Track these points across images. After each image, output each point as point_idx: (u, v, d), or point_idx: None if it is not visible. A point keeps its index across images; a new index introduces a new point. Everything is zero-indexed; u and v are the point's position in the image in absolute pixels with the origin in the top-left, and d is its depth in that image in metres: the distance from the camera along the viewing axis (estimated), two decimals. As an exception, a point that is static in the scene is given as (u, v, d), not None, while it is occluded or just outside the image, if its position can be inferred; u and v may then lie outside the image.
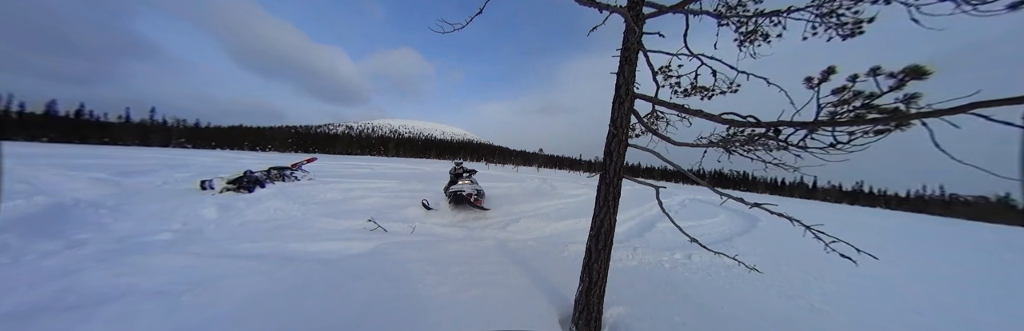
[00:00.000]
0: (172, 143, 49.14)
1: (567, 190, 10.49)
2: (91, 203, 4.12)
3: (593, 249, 1.86)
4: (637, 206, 7.67)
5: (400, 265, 2.73)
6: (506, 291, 2.37)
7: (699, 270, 3.47)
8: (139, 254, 2.75)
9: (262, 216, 4.57)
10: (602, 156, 1.97)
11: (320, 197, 6.06)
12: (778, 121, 1.54)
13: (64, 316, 1.70)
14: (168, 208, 4.42)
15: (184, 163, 10.69)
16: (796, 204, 17.29)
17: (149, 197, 4.97)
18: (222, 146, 51.89)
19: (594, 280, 1.87)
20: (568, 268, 3.01)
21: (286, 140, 62.96)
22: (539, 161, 51.73)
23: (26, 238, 2.84)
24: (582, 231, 5.07)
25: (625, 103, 1.85)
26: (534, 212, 6.34)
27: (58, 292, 2.01)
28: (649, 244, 4.49)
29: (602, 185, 1.84)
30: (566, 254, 3.64)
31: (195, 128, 57.01)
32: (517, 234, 4.73)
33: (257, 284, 2.19)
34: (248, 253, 3.02)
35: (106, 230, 3.42)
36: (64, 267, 2.39)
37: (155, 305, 1.85)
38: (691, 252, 3.95)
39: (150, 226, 3.67)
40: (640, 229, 5.64)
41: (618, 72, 1.92)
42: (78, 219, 3.57)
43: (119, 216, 3.89)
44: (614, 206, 1.82)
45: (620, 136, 1.82)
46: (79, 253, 2.73)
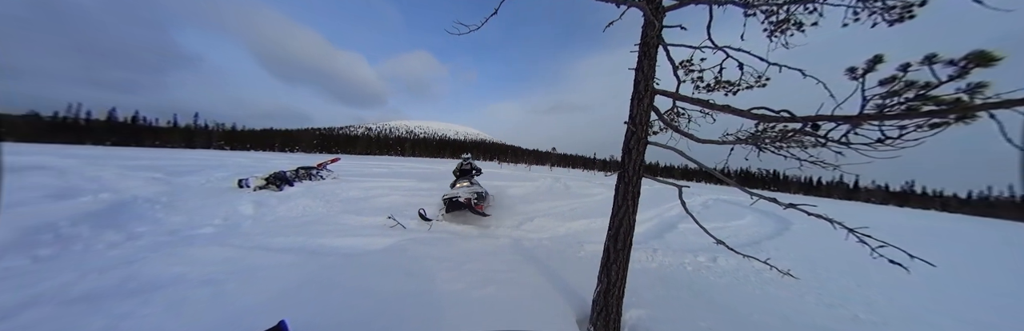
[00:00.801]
0: (212, 145, 53.66)
1: (582, 189, 10.32)
2: (147, 199, 4.57)
3: (611, 249, 1.81)
4: (656, 206, 7.42)
5: (418, 261, 2.81)
6: (521, 289, 2.36)
7: (725, 274, 3.30)
8: (187, 246, 3.03)
9: (292, 213, 4.87)
10: (619, 154, 1.92)
11: (343, 195, 6.36)
12: (817, 115, 1.43)
13: (128, 300, 1.92)
14: (211, 204, 4.81)
15: (223, 164, 11.60)
16: (835, 206, 16.02)
17: (195, 194, 5.43)
18: (255, 148, 56.02)
19: (613, 281, 1.83)
20: (584, 268, 2.96)
21: (311, 141, 66.91)
22: (552, 160, 51.29)
23: (95, 230, 3.20)
24: (598, 231, 5.02)
25: (644, 99, 1.79)
26: (548, 211, 6.29)
27: (122, 278, 2.25)
28: (669, 246, 4.32)
29: (620, 184, 1.79)
30: (582, 254, 3.59)
31: (232, 131, 61.81)
32: (531, 233, 4.71)
33: (290, 275, 2.34)
34: (281, 246, 3.23)
35: (159, 224, 3.79)
36: (126, 256, 2.69)
37: (203, 292, 2.04)
38: (716, 255, 3.77)
39: (196, 220, 4.02)
40: (660, 230, 5.44)
41: (636, 68, 1.86)
42: (136, 214, 3.99)
43: (170, 211, 4.29)
44: (634, 206, 1.76)
45: (639, 133, 1.77)
46: (138, 244, 3.07)
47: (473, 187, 5.29)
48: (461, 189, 5.12)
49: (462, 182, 5.54)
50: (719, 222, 6.42)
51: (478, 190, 5.26)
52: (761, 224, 6.78)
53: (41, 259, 2.53)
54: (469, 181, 5.57)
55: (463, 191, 4.99)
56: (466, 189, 5.12)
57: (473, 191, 5.07)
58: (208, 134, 57.39)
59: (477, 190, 5.22)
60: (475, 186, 5.42)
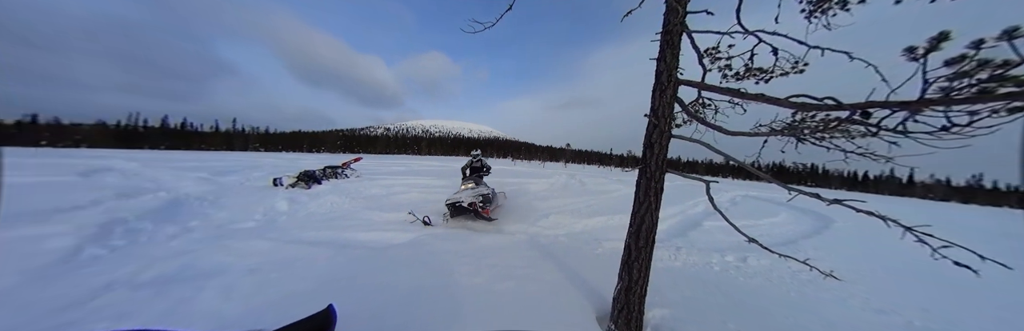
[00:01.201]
0: (249, 147, 58.54)
1: (598, 186, 10.11)
2: (197, 197, 5.08)
3: (633, 247, 1.76)
4: (679, 203, 7.12)
5: (437, 255, 2.90)
6: (540, 285, 2.37)
7: (756, 275, 3.11)
8: (233, 239, 3.32)
9: (321, 209, 5.20)
10: (637, 149, 1.85)
11: (366, 192, 6.67)
12: (868, 102, 1.29)
13: (187, 285, 2.15)
14: (251, 201, 5.26)
15: (258, 164, 12.57)
16: (885, 203, 14.56)
17: (236, 192, 5.97)
18: (286, 149, 60.65)
19: (634, 279, 1.78)
20: (603, 266, 2.91)
21: (335, 142, 70.97)
22: (566, 156, 50.55)
23: (156, 224, 3.60)
24: (615, 228, 4.91)
25: (667, 91, 1.70)
26: (564, 208, 6.22)
27: (180, 267, 2.52)
28: (694, 244, 4.14)
29: (642, 179, 1.73)
30: (600, 251, 3.52)
31: (265, 134, 67.00)
32: (547, 229, 4.70)
33: (323, 267, 2.53)
34: (313, 240, 3.45)
35: (208, 219, 4.17)
36: (183, 247, 3.00)
37: (249, 280, 2.25)
38: (746, 254, 3.56)
39: (239, 216, 4.40)
40: (683, 228, 5.23)
41: (658, 57, 1.77)
42: (189, 210, 4.44)
43: (217, 208, 4.74)
44: (656, 202, 1.70)
45: (662, 126, 1.69)
46: (191, 236, 3.41)
47: (478, 189, 4.92)
48: (464, 192, 4.79)
49: (467, 183, 5.15)
50: (749, 220, 6.05)
51: (483, 192, 4.88)
52: (797, 222, 6.31)
53: (116, 249, 2.88)
54: (474, 182, 5.18)
55: (466, 195, 4.66)
56: (470, 192, 4.77)
57: (477, 194, 4.72)
58: (245, 137, 62.71)
59: (482, 192, 4.85)
60: (481, 187, 5.03)
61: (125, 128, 54.64)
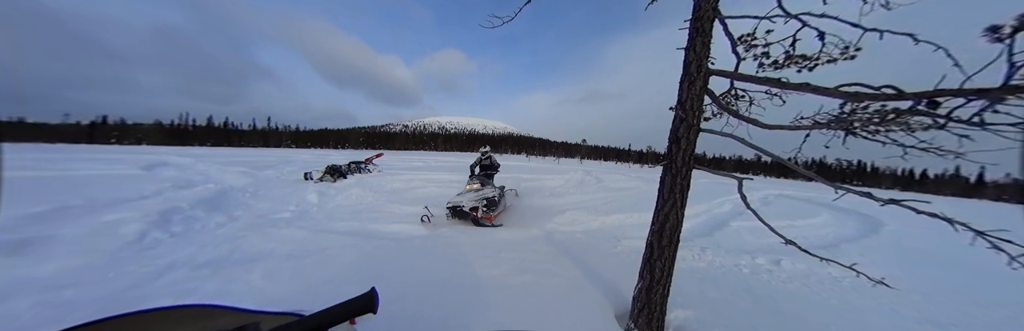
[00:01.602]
0: (282, 144, 63.52)
1: (615, 183, 9.86)
2: (240, 189, 5.65)
3: (655, 245, 1.71)
4: (704, 201, 6.78)
5: (456, 247, 2.99)
6: (557, 280, 2.37)
7: (792, 279, 2.91)
8: (272, 227, 3.64)
9: (348, 201, 5.53)
10: (657, 145, 1.77)
11: (388, 186, 6.98)
12: (936, 90, 1.14)
13: (236, 268, 2.40)
14: (286, 193, 5.76)
15: (290, 160, 13.58)
16: (950, 204, 13.00)
17: (273, 185, 6.56)
18: (314, 145, 65.27)
19: (656, 278, 1.73)
20: (622, 264, 2.85)
21: (358, 139, 75.08)
22: (582, 152, 49.49)
23: (206, 213, 4.00)
24: (635, 226, 4.77)
25: (697, 82, 1.60)
26: (580, 205, 6.14)
27: (229, 251, 2.81)
28: (720, 245, 3.94)
29: (667, 176, 1.65)
30: (619, 249, 3.45)
31: (296, 132, 72.26)
32: (563, 226, 4.67)
33: (352, 255, 2.70)
34: (341, 230, 3.70)
35: (250, 209, 4.60)
36: (230, 234, 3.33)
37: (288, 265, 2.47)
38: (780, 257, 3.34)
39: (276, 207, 4.81)
40: (708, 227, 4.98)
41: (687, 47, 1.66)
42: (234, 200, 4.91)
43: (257, 199, 5.23)
44: (681, 200, 1.62)
45: (689, 120, 1.59)
46: (237, 224, 3.78)
47: (482, 191, 4.50)
48: (467, 194, 4.41)
49: (472, 184, 4.75)
50: (784, 220, 5.65)
51: (488, 194, 4.46)
52: (840, 224, 5.81)
53: (175, 234, 3.24)
54: (479, 183, 4.77)
55: (468, 198, 4.29)
56: (472, 195, 4.37)
57: (480, 197, 4.32)
58: (279, 135, 68.25)
59: (487, 195, 4.44)
60: (486, 189, 4.58)
61: (177, 127, 61.04)
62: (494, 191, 4.72)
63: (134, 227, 3.08)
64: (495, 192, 4.69)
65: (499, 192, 4.90)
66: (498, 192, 4.82)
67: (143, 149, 20.49)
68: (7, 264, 2.28)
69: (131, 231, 3.00)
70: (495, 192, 4.69)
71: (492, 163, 5.77)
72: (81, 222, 3.14)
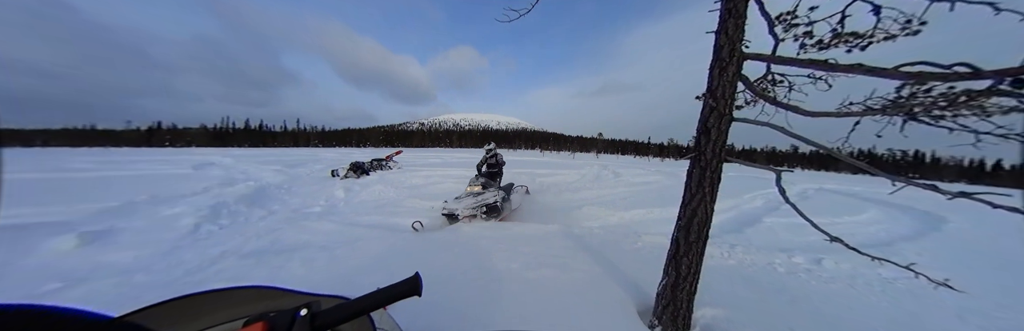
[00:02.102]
0: (310, 144, 68.30)
1: (634, 177, 9.57)
2: (276, 186, 6.18)
3: (682, 241, 1.64)
4: (733, 196, 6.42)
5: (474, 241, 3.07)
6: (577, 274, 2.36)
7: (834, 279, 2.70)
8: (305, 220, 3.93)
9: (371, 196, 5.83)
10: (684, 137, 1.67)
11: (408, 182, 7.24)
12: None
13: (277, 257, 2.63)
14: (316, 190, 6.20)
15: (318, 158, 14.47)
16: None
17: (304, 182, 7.10)
18: (338, 144, 69.67)
19: (682, 275, 1.67)
20: (643, 260, 2.78)
21: (378, 138, 78.92)
22: (598, 146, 48.13)
23: (248, 207, 4.41)
24: (655, 222, 4.62)
25: (729, 68, 1.48)
26: (597, 200, 6.03)
27: (271, 242, 3.08)
28: (751, 242, 3.72)
29: (695, 169, 1.56)
30: (639, 245, 3.36)
31: (322, 132, 77.05)
32: (581, 221, 4.62)
33: (378, 246, 2.87)
34: (367, 223, 3.93)
35: (286, 204, 4.98)
36: (269, 226, 3.63)
37: (323, 255, 2.67)
38: (820, 256, 3.10)
39: (308, 202, 5.19)
40: (738, 224, 4.71)
41: (717, 30, 1.54)
42: (270, 196, 5.36)
43: (291, 194, 5.67)
44: (711, 194, 1.53)
45: (721, 109, 1.49)
46: (275, 218, 4.12)
47: (483, 195, 4.08)
48: (464, 200, 3.94)
49: (474, 186, 4.30)
50: (826, 217, 5.22)
51: (489, 200, 4.00)
52: (892, 221, 5.28)
53: (223, 226, 3.58)
54: (481, 185, 4.33)
55: (464, 205, 3.83)
56: (470, 200, 3.92)
57: (479, 203, 3.91)
58: (307, 135, 73.39)
59: (487, 200, 3.98)
60: (487, 193, 4.14)
61: (220, 130, 67.28)
62: (496, 195, 4.19)
63: (189, 220, 3.45)
64: (498, 196, 4.18)
65: (503, 195, 4.35)
66: (502, 195, 4.29)
67: (192, 151, 22.73)
68: (90, 251, 2.64)
69: (187, 224, 3.37)
70: (498, 196, 4.18)
71: (498, 161, 5.37)
72: (146, 216, 3.57)
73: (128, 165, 9.16)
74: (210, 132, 64.08)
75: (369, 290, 0.63)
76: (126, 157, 13.36)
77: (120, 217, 3.46)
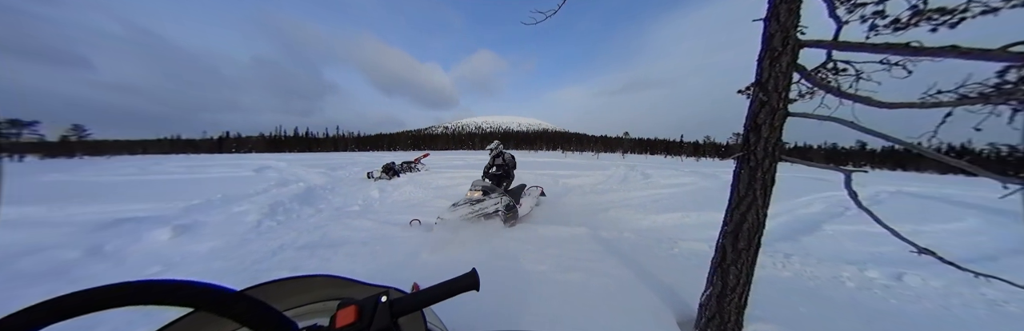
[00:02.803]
0: (348, 148, 75.47)
1: (665, 178, 9.01)
2: (321, 187, 6.79)
3: (729, 249, 1.50)
4: (785, 199, 5.77)
5: (501, 241, 3.11)
6: (608, 280, 2.27)
7: (923, 298, 2.30)
8: (347, 218, 4.25)
9: (403, 197, 6.18)
10: (721, 134, 1.52)
11: (435, 184, 7.54)
12: None
13: (326, 250, 2.90)
14: (354, 190, 6.72)
15: (355, 161, 15.67)
16: None
17: (344, 183, 7.73)
18: (372, 148, 75.73)
19: (730, 286, 1.52)
20: (681, 267, 2.61)
21: (406, 142, 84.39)
22: (624, 146, 45.84)
23: (300, 206, 4.90)
24: (692, 227, 4.29)
25: (782, 57, 1.34)
26: (625, 202, 5.77)
27: (319, 237, 3.39)
28: (810, 252, 3.31)
29: (743, 169, 1.43)
30: (675, 251, 3.15)
31: (358, 137, 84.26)
32: (608, 224, 4.44)
33: (411, 243, 3.05)
34: (401, 221, 4.08)
35: (330, 203, 5.44)
36: (318, 223, 4.00)
37: (364, 250, 2.90)
38: (901, 270, 2.66)
39: (348, 201, 5.63)
40: (792, 231, 4.22)
41: (767, 16, 1.40)
42: (317, 196, 5.90)
43: (334, 194, 6.19)
44: (763, 197, 1.39)
45: (774, 103, 1.34)
46: (321, 216, 4.52)
47: (482, 204, 3.54)
48: (461, 209, 3.46)
49: (474, 191, 3.73)
50: (908, 224, 4.47)
51: (488, 209, 3.52)
52: (998, 230, 4.38)
53: (280, 222, 4.01)
54: (482, 190, 3.73)
55: (459, 215, 3.37)
56: (465, 210, 3.42)
57: (477, 213, 3.44)
58: (345, 140, 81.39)
59: (485, 209, 3.50)
60: (487, 201, 3.61)
61: (274, 137, 76.92)
62: (498, 202, 3.65)
63: (253, 216, 3.93)
64: (499, 203, 3.65)
65: (508, 201, 3.79)
66: (506, 202, 3.73)
67: (253, 156, 26.03)
68: (181, 241, 3.12)
69: (252, 219, 3.84)
70: (499, 203, 3.65)
71: (505, 161, 4.65)
72: (221, 212, 4.13)
73: (205, 169, 10.78)
74: (266, 139, 73.78)
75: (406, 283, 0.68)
76: (203, 162, 15.66)
77: (201, 213, 4.06)
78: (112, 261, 2.64)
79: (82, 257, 2.62)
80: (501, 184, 4.53)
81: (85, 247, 2.74)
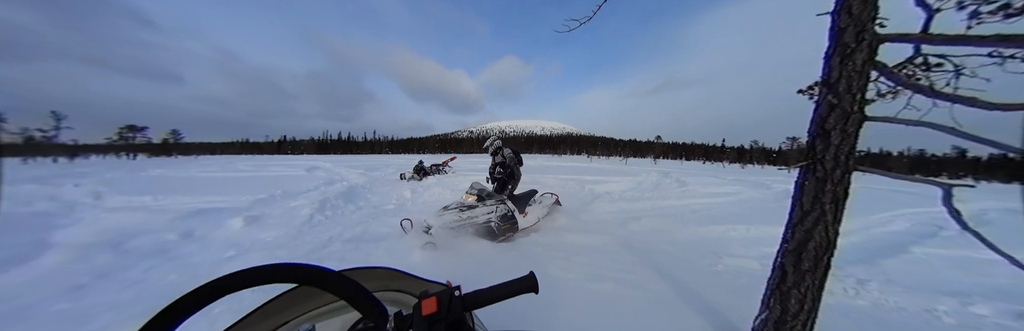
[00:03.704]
0: (382, 151, 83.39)
1: (706, 187, 8.31)
2: (361, 186, 7.45)
3: (790, 269, 1.33)
4: (859, 215, 5.00)
5: (527, 246, 3.09)
6: (642, 293, 2.14)
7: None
8: (384, 216, 4.57)
9: (432, 197, 6.50)
10: (772, 139, 1.36)
11: (461, 186, 7.81)
12: None
13: (369, 244, 3.15)
14: (389, 190, 7.26)
15: (389, 163, 16.85)
16: None
17: (380, 183, 8.38)
18: (403, 151, 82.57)
19: (791, 311, 1.35)
20: (727, 285, 2.38)
21: (434, 145, 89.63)
22: (656, 151, 42.98)
23: (344, 203, 5.36)
24: (740, 242, 3.89)
25: (856, 54, 1.18)
26: (659, 211, 5.41)
27: (362, 232, 3.68)
28: (892, 278, 2.81)
29: (809, 181, 1.27)
30: (720, 268, 2.87)
31: (392, 141, 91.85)
32: (641, 234, 4.18)
33: (440, 242, 3.16)
34: None
35: (368, 201, 5.92)
36: (360, 219, 4.36)
37: (400, 245, 3.09)
38: (1019, 307, 2.15)
39: (384, 200, 6.09)
40: (867, 252, 3.63)
41: (836, 9, 1.25)
42: (358, 194, 6.43)
43: (372, 194, 6.73)
44: (835, 212, 1.22)
45: (846, 106, 1.19)
46: (362, 213, 4.90)
47: (472, 212, 2.99)
48: (445, 217, 2.95)
49: (469, 194, 3.22)
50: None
51: (479, 219, 2.97)
52: None
53: (328, 217, 4.43)
54: (476, 195, 3.18)
55: (441, 224, 2.89)
56: (451, 218, 2.95)
57: (464, 223, 2.93)
58: (380, 144, 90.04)
59: (475, 221, 2.97)
60: (482, 208, 3.05)
61: (322, 141, 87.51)
62: (495, 211, 3.04)
63: (306, 211, 4.40)
64: (496, 213, 3.05)
65: (506, 211, 3.16)
66: (502, 211, 3.12)
67: (305, 157, 29.45)
68: (250, 230, 3.60)
69: (305, 213, 4.30)
70: (496, 213, 3.05)
71: (506, 161, 3.83)
72: (280, 206, 4.73)
73: (267, 168, 12.57)
74: (315, 143, 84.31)
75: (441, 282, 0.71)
76: (265, 162, 18.07)
77: (266, 206, 4.72)
78: (199, 244, 3.14)
79: (178, 239, 3.19)
80: (505, 188, 3.79)
81: (180, 231, 3.35)
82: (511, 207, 3.38)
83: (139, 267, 2.55)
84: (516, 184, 4.01)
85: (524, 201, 3.78)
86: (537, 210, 3.86)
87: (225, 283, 0.36)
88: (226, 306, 1.60)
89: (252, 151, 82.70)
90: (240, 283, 0.36)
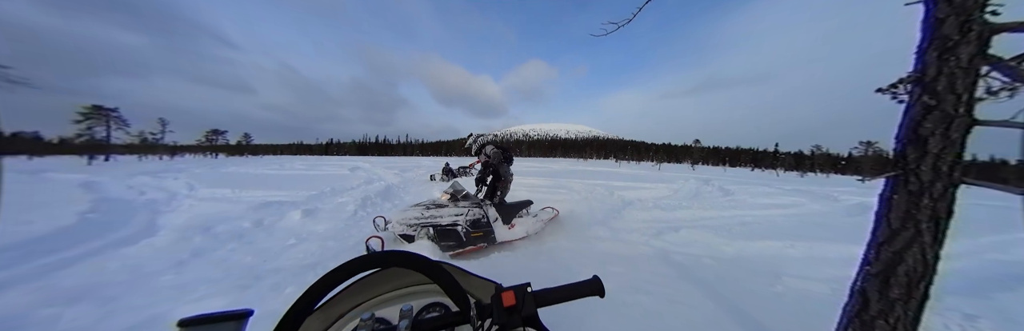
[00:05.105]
0: (414, 153, 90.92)
1: (756, 197, 7.50)
2: (396, 186, 8.18)
3: (873, 295, 1.15)
4: (964, 237, 4.13)
5: (557, 252, 3.05)
6: (685, 309, 1.99)
7: None
8: None
9: None
10: (835, 144, 1.18)
11: None
12: None
13: (397, 243, 3.33)
14: (420, 190, 7.86)
15: (420, 165, 18.12)
16: None
17: (412, 183, 9.15)
18: (432, 154, 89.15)
19: (876, 347, 1.15)
20: (788, 310, 2.11)
21: (461, 148, 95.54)
22: (693, 156, 39.60)
23: (382, 200, 5.94)
24: (798, 261, 3.44)
25: (960, 48, 1.01)
26: (700, 222, 4.98)
27: None
28: (1012, 317, 2.27)
29: (899, 194, 1.09)
30: (779, 289, 2.55)
31: (423, 144, 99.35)
32: (679, 246, 3.87)
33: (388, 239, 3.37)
34: None
35: (402, 200, 6.43)
36: None
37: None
38: None
39: (416, 199, 6.50)
40: (974, 282, 2.98)
41: (931, -3, 1.09)
42: (393, 193, 7.05)
43: (405, 193, 7.33)
44: (934, 232, 1.03)
45: (948, 108, 1.01)
46: (397, 209, 5.30)
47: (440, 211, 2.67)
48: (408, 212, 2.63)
49: (445, 193, 2.96)
50: None
51: (442, 222, 2.64)
52: None
53: (369, 213, 4.89)
54: (451, 193, 2.89)
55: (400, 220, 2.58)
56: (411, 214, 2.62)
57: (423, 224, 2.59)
58: (412, 147, 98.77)
59: (439, 222, 2.64)
60: (451, 209, 2.72)
61: (361, 143, 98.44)
62: (462, 214, 2.64)
63: (351, 207, 4.98)
64: (468, 216, 2.65)
65: (478, 216, 2.72)
66: (474, 216, 2.70)
67: (347, 158, 32.97)
68: (307, 222, 4.08)
69: (350, 209, 4.86)
70: (468, 216, 2.65)
71: (489, 157, 3.30)
72: (330, 201, 5.37)
73: (318, 167, 14.46)
74: (356, 145, 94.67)
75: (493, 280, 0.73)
76: (316, 162, 20.70)
77: (318, 201, 5.38)
78: (267, 232, 3.66)
79: (251, 227, 3.81)
80: (495, 194, 3.27)
81: (252, 220, 4.00)
82: (487, 213, 2.83)
83: (224, 248, 3.03)
84: (505, 187, 3.44)
85: (513, 211, 3.26)
86: (528, 224, 3.29)
87: (360, 263, 0.44)
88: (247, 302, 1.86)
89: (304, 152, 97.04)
90: (361, 266, 0.45)
